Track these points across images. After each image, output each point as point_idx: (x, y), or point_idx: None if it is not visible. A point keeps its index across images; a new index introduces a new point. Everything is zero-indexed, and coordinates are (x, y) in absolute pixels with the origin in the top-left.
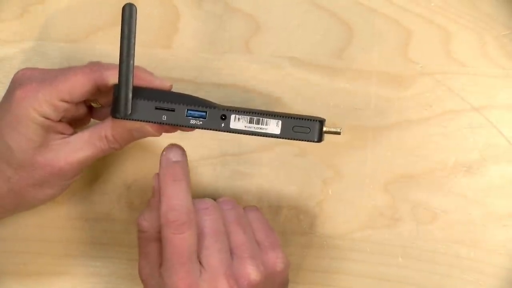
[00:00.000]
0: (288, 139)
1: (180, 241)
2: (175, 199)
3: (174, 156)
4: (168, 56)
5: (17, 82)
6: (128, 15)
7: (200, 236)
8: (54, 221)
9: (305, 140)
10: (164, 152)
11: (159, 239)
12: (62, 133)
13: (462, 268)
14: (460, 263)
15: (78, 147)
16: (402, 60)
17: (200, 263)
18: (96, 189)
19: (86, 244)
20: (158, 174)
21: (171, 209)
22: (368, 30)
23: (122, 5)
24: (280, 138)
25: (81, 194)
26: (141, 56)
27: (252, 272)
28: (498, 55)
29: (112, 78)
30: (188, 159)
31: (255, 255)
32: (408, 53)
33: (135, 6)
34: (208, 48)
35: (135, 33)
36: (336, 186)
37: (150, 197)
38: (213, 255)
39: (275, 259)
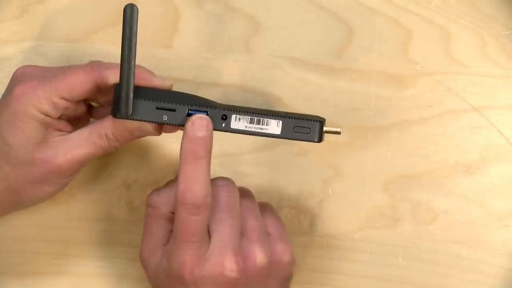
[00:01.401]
0: (289, 139)
1: (194, 223)
2: (195, 180)
3: (199, 129)
4: (168, 56)
5: (17, 79)
6: (129, 15)
7: (215, 209)
8: (54, 221)
9: (306, 140)
10: (189, 123)
11: (169, 218)
12: (61, 131)
13: (462, 268)
14: (460, 263)
15: (77, 145)
16: (402, 60)
17: (210, 235)
18: (96, 189)
19: (86, 244)
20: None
21: (189, 190)
22: (368, 30)
23: (122, 5)
24: (280, 138)
25: (81, 194)
26: (142, 56)
27: (259, 255)
28: (498, 55)
29: (113, 77)
30: None
31: (264, 242)
32: (408, 53)
33: (136, 7)
34: (208, 48)
35: (136, 33)
36: (336, 186)
37: (174, 178)
38: (225, 230)
39: (283, 250)
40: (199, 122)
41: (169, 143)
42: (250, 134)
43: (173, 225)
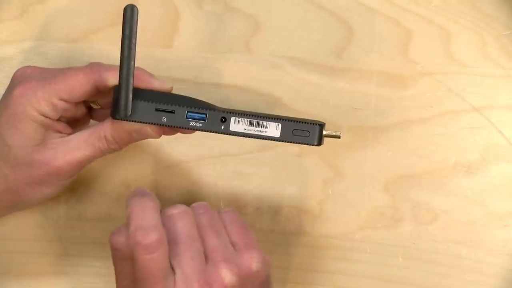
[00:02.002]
0: (288, 142)
1: (150, 262)
2: (143, 219)
3: (140, 191)
4: (168, 56)
5: (17, 80)
6: (129, 16)
7: (172, 242)
8: (54, 221)
9: (305, 144)
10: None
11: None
12: (60, 132)
13: (462, 268)
14: (460, 263)
15: (77, 147)
16: (402, 60)
17: (173, 269)
18: (96, 189)
19: (86, 244)
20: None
21: (138, 229)
22: (368, 30)
23: (122, 5)
24: (279, 141)
25: (81, 194)
26: (141, 56)
27: (226, 276)
28: (498, 55)
29: (112, 79)
30: (188, 159)
31: (229, 258)
32: (408, 53)
33: (136, 7)
34: (208, 47)
35: (136, 34)
36: (336, 186)
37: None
38: (186, 262)
39: (250, 260)
40: (138, 188)
41: (169, 144)
42: (249, 137)
43: (134, 269)
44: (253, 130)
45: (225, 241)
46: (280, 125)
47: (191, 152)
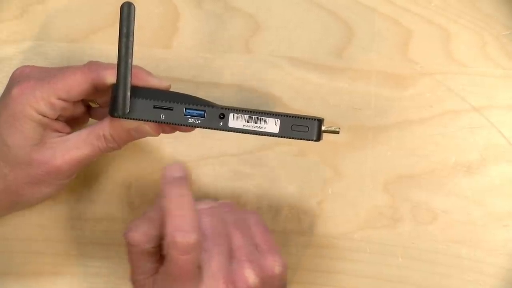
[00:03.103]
0: (287, 138)
1: (186, 262)
2: (182, 220)
3: (177, 171)
4: (168, 56)
5: (16, 79)
6: (126, 13)
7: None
8: (54, 221)
9: (304, 139)
10: (165, 169)
11: (151, 253)
12: (59, 132)
13: (462, 268)
14: (460, 263)
15: (76, 146)
16: (402, 60)
17: (200, 266)
18: (96, 189)
19: (86, 244)
20: (160, 193)
21: (178, 230)
22: (368, 30)
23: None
24: (278, 137)
25: (81, 194)
26: (141, 56)
27: (250, 276)
28: (498, 55)
29: (110, 77)
30: (188, 159)
31: (253, 259)
32: (408, 53)
33: (133, 5)
34: (208, 47)
35: (133, 32)
36: (336, 186)
37: (147, 211)
38: (214, 259)
39: (273, 263)
40: (175, 166)
41: (169, 143)
42: (248, 133)
43: (165, 263)
44: (251, 126)
45: (249, 241)
46: (278, 120)
47: (191, 152)
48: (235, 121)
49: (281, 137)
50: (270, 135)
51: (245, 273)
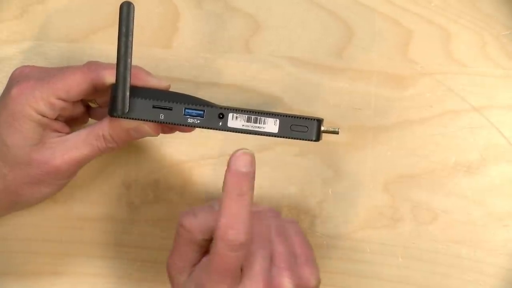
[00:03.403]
0: (286, 138)
1: (232, 259)
2: (238, 217)
3: (244, 165)
4: (168, 56)
5: (15, 79)
6: (125, 13)
7: None
8: (54, 221)
9: (303, 139)
10: (233, 158)
11: (201, 244)
12: (58, 132)
13: (462, 268)
14: (460, 263)
15: (75, 146)
16: (402, 60)
17: (242, 266)
18: (96, 189)
19: (86, 244)
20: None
21: (232, 228)
22: (368, 30)
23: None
24: (278, 137)
25: (81, 194)
26: (141, 56)
27: (287, 285)
28: (498, 55)
29: (109, 77)
30: (188, 159)
31: (292, 268)
32: (408, 53)
33: (132, 5)
34: (208, 47)
35: (132, 31)
36: (336, 186)
37: (211, 203)
38: (257, 262)
39: (310, 275)
40: (244, 157)
41: (169, 143)
42: (247, 133)
43: (210, 256)
44: (251, 126)
45: (290, 250)
46: (278, 120)
47: (191, 152)
48: (234, 121)
49: (281, 137)
50: (270, 135)
51: (283, 281)
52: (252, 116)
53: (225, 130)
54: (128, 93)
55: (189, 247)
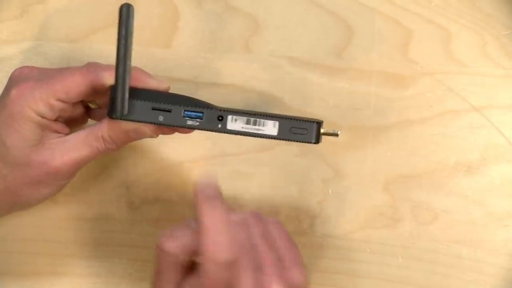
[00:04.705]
0: (286, 140)
1: (220, 276)
2: (217, 233)
3: (209, 190)
4: (168, 56)
5: (14, 80)
6: (125, 15)
7: None
8: (54, 221)
9: (303, 142)
10: (199, 189)
11: (185, 263)
12: (58, 132)
13: (462, 268)
14: (460, 263)
15: (74, 147)
16: (402, 60)
17: (232, 281)
18: (95, 189)
19: (86, 244)
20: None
21: (216, 247)
22: (368, 30)
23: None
24: (277, 139)
25: (80, 194)
26: (141, 56)
27: None
28: (498, 55)
29: (109, 78)
30: (188, 159)
31: (281, 273)
32: (408, 53)
33: (132, 6)
34: (208, 47)
35: (132, 33)
36: (336, 186)
37: (186, 222)
38: (243, 274)
39: (299, 276)
40: (205, 184)
41: (169, 144)
42: (246, 135)
43: (200, 278)
44: (250, 128)
45: (276, 255)
46: (277, 123)
47: (191, 152)
48: (233, 123)
49: (280, 139)
50: (269, 138)
51: None
52: (252, 119)
53: (224, 132)
54: (127, 95)
55: (174, 269)
